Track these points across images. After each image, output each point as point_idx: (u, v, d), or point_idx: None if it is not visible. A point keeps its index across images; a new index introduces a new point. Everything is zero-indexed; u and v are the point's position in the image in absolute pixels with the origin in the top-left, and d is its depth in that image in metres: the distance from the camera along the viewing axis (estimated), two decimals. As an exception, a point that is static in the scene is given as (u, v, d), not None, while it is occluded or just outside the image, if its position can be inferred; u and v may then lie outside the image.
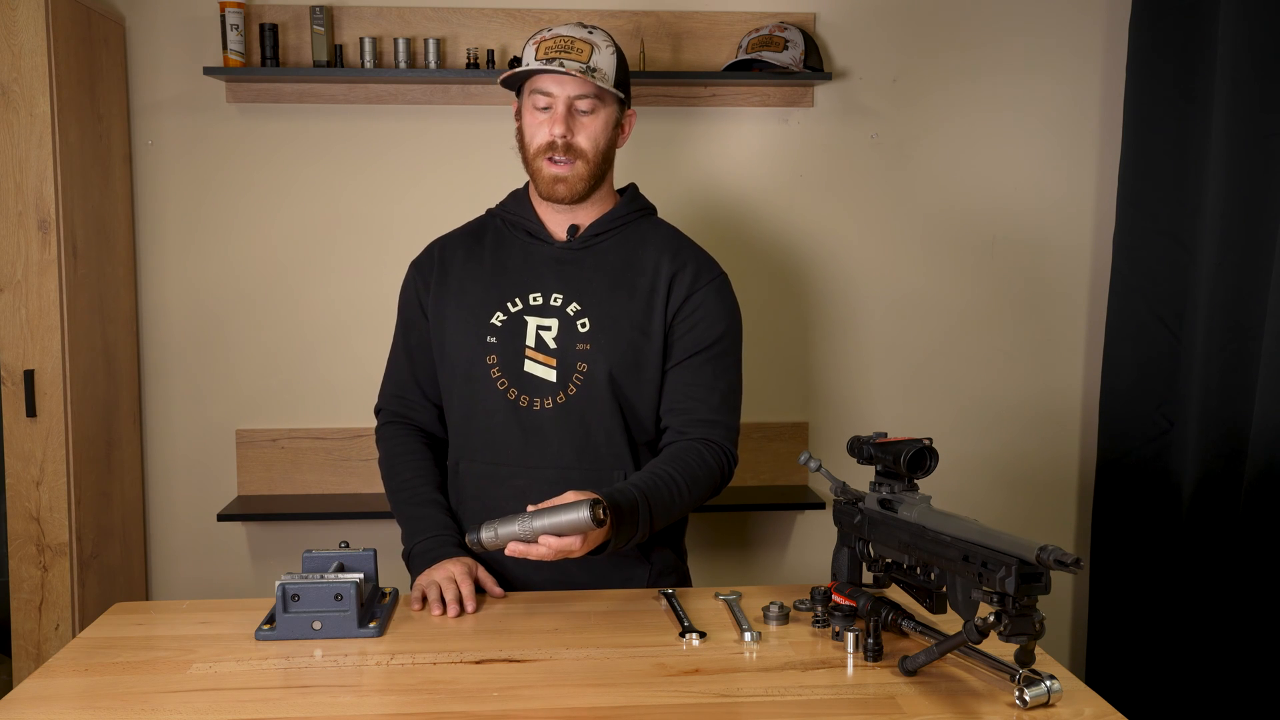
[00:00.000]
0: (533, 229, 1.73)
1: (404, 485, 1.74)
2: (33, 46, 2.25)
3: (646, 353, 1.67)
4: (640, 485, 1.56)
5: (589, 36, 1.66)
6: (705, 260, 1.74)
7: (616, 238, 1.73)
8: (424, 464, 1.76)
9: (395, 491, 1.75)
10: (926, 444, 1.32)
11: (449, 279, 1.74)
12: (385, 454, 1.79)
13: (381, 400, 1.84)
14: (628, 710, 1.21)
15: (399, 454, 1.78)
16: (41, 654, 2.36)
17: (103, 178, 2.53)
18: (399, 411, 1.81)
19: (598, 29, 1.69)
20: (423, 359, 1.78)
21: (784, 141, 2.79)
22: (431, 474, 1.76)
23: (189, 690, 1.26)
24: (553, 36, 1.65)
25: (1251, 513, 2.16)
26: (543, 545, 1.40)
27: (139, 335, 2.74)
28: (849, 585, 1.43)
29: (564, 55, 1.62)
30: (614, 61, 1.67)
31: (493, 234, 1.77)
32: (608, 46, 1.67)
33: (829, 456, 2.72)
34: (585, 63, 1.63)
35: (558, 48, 1.63)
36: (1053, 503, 2.95)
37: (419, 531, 1.68)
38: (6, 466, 2.35)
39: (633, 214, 1.75)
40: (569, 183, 1.66)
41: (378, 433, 1.83)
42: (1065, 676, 1.27)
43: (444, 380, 1.75)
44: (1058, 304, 2.88)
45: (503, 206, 1.80)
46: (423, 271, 1.78)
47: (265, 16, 2.62)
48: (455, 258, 1.76)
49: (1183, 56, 2.51)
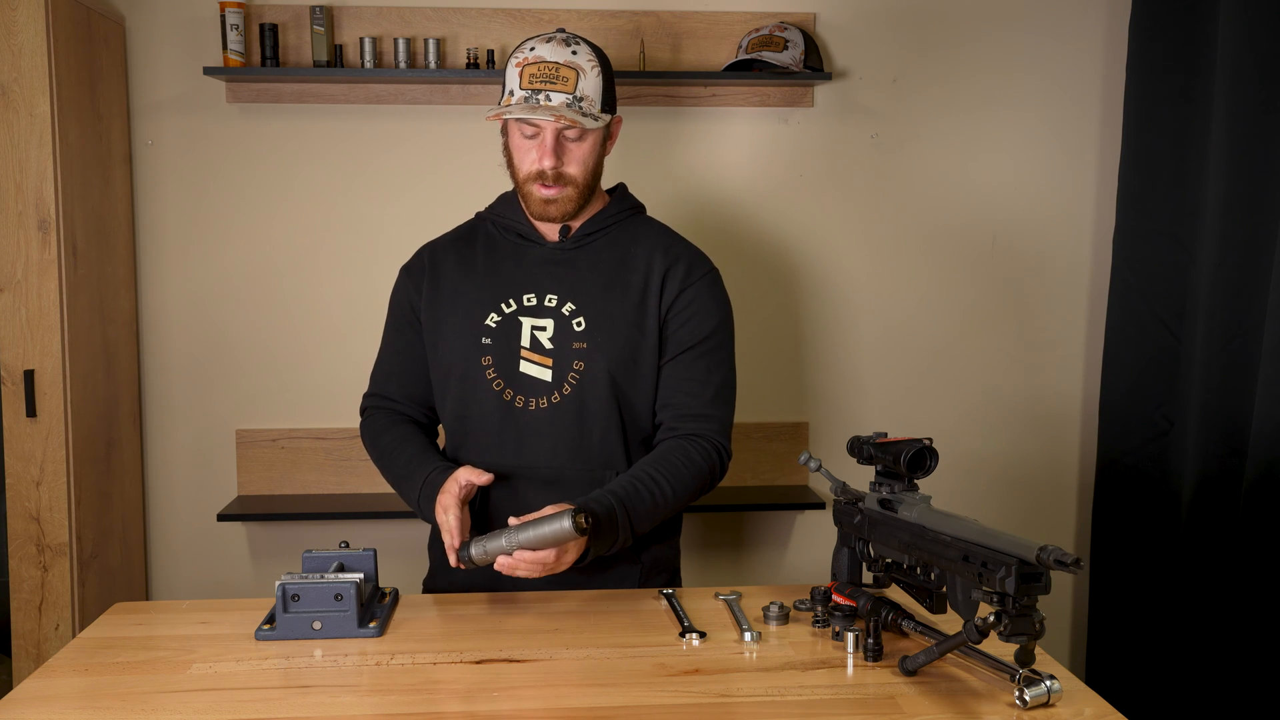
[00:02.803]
0: (524, 231, 1.73)
1: (390, 454, 1.71)
2: (33, 46, 2.25)
3: (642, 349, 1.68)
4: (618, 491, 1.57)
5: (573, 59, 1.62)
6: (697, 256, 1.75)
7: (608, 237, 1.73)
8: (405, 430, 1.74)
9: (386, 464, 1.72)
10: (926, 444, 1.32)
11: (441, 283, 1.74)
12: (369, 435, 1.77)
13: (364, 400, 1.83)
14: (627, 710, 1.21)
15: (381, 429, 1.75)
16: (41, 654, 2.36)
17: (103, 178, 2.53)
18: (378, 406, 1.80)
19: (581, 43, 1.65)
20: (410, 363, 1.77)
21: (784, 141, 2.79)
22: (415, 436, 1.73)
23: (189, 690, 1.26)
24: (536, 62, 1.61)
25: (1251, 513, 2.16)
26: (518, 560, 1.43)
27: (139, 335, 2.74)
28: (849, 585, 1.44)
29: (549, 86, 1.60)
30: (600, 83, 1.64)
31: (484, 237, 1.77)
32: (593, 67, 1.64)
33: (829, 456, 2.72)
34: (571, 93, 1.60)
35: (542, 76, 1.60)
36: (1053, 503, 2.94)
37: (413, 487, 1.65)
38: (6, 466, 2.35)
39: (623, 213, 1.76)
40: (560, 204, 1.66)
41: (361, 427, 1.81)
42: (1065, 676, 1.27)
43: (438, 383, 1.74)
44: (1058, 304, 2.88)
45: (492, 210, 1.79)
46: (414, 276, 1.77)
47: (265, 16, 2.62)
48: (447, 261, 1.76)
49: (1183, 56, 2.51)
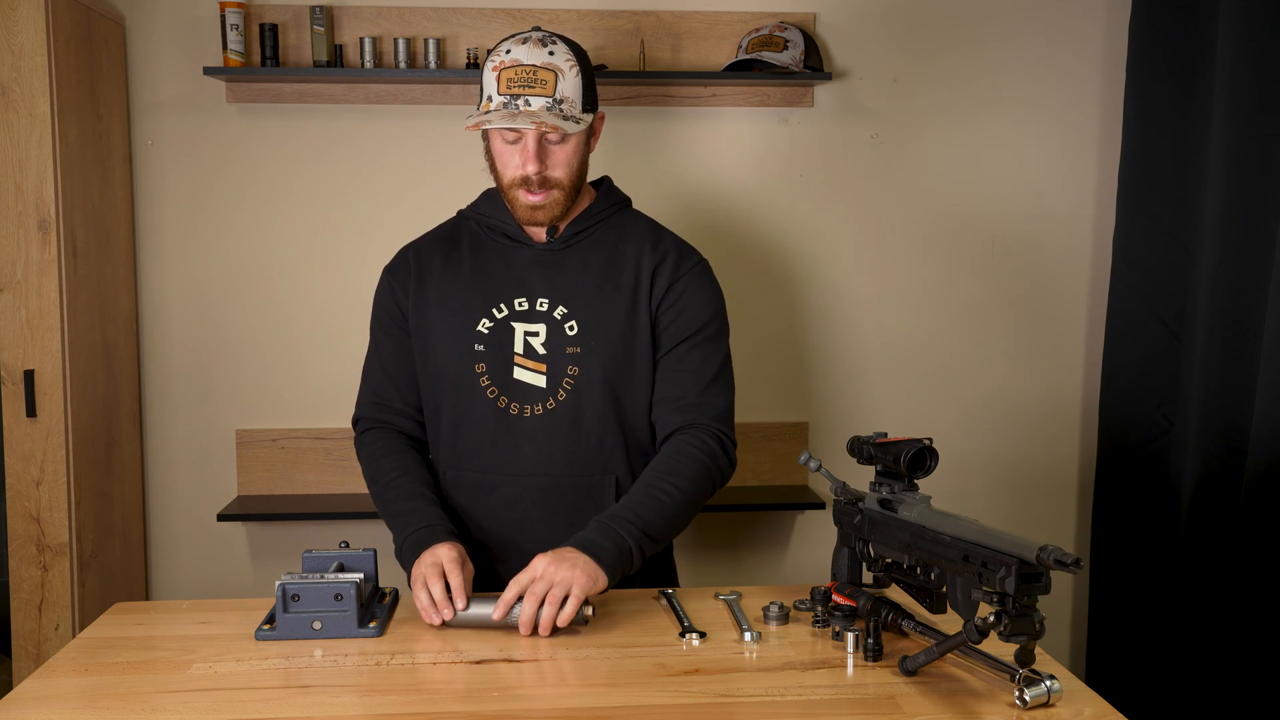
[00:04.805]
0: (511, 232, 1.69)
1: (389, 485, 1.67)
2: (33, 46, 2.25)
3: (636, 349, 1.66)
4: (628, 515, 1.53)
5: (550, 60, 1.58)
6: (684, 249, 1.73)
7: (596, 234, 1.70)
8: (408, 462, 1.70)
9: (381, 492, 1.68)
10: (926, 444, 1.32)
11: (428, 285, 1.70)
12: (367, 458, 1.73)
13: (359, 410, 1.77)
14: (628, 710, 1.21)
15: (381, 455, 1.71)
16: (41, 654, 2.36)
17: (103, 178, 2.53)
18: (378, 418, 1.75)
19: (558, 41, 1.61)
20: (400, 366, 1.73)
21: (784, 141, 2.79)
22: (418, 471, 1.69)
23: (189, 690, 1.26)
24: (513, 65, 1.57)
25: (1251, 513, 2.16)
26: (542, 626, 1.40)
27: (139, 335, 2.74)
28: (849, 585, 1.43)
29: (528, 91, 1.56)
30: (579, 83, 1.60)
31: (469, 237, 1.73)
32: (571, 66, 1.59)
33: (829, 456, 2.72)
34: (550, 96, 1.56)
35: (520, 80, 1.56)
36: (1053, 502, 2.95)
37: (407, 525, 1.60)
38: (6, 466, 2.35)
39: (610, 208, 1.72)
40: (548, 209, 1.63)
41: (357, 442, 1.77)
42: (1065, 676, 1.27)
43: (428, 389, 1.70)
44: (1058, 304, 2.88)
45: (476, 209, 1.74)
46: (398, 277, 1.73)
47: (265, 16, 2.62)
48: (433, 263, 1.71)
49: (1183, 56, 2.51)
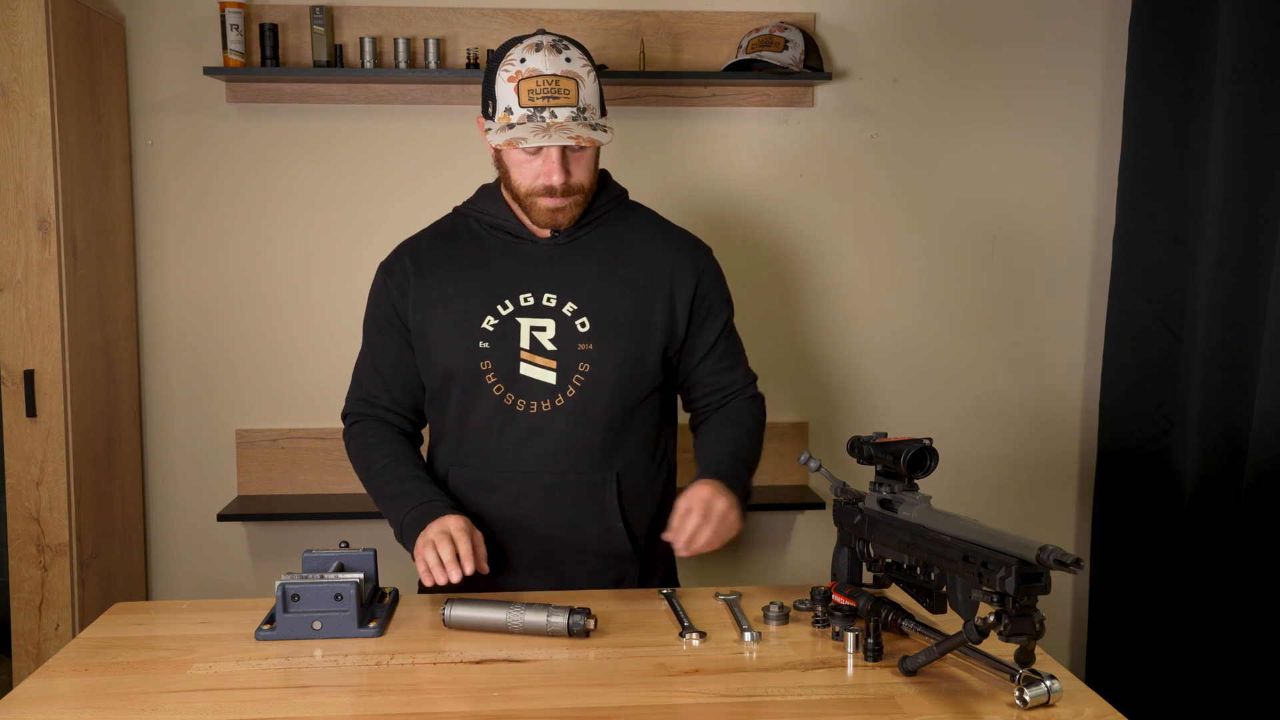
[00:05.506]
0: (513, 229, 1.67)
1: (382, 470, 1.65)
2: (33, 46, 2.25)
3: (647, 346, 1.66)
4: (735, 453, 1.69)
5: (569, 68, 1.54)
6: (694, 244, 1.75)
7: (600, 228, 1.69)
8: (400, 449, 1.68)
9: (374, 478, 1.66)
10: (926, 444, 1.32)
11: (428, 283, 1.66)
12: (358, 446, 1.70)
13: (347, 405, 1.76)
14: (628, 710, 1.21)
15: (372, 442, 1.69)
16: (41, 654, 2.36)
17: (103, 178, 2.53)
18: (366, 413, 1.73)
19: (570, 46, 1.57)
20: (394, 366, 1.70)
21: (784, 141, 2.79)
22: (410, 455, 1.68)
23: (189, 690, 1.26)
24: (532, 76, 1.52)
25: (1251, 513, 2.16)
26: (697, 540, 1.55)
27: (139, 335, 2.74)
28: (849, 585, 1.44)
29: (552, 102, 1.52)
30: (596, 88, 1.58)
31: (468, 234, 1.70)
32: (588, 72, 1.56)
33: (829, 456, 2.72)
34: (574, 105, 1.53)
35: (543, 91, 1.52)
36: (1053, 503, 2.94)
37: (406, 503, 1.59)
38: (6, 466, 2.35)
39: (612, 202, 1.72)
40: (568, 211, 1.62)
41: (346, 434, 1.74)
42: (1065, 676, 1.27)
43: (432, 388, 1.69)
44: (1058, 304, 2.88)
45: (473, 205, 1.72)
46: (395, 276, 1.69)
47: (265, 16, 2.62)
48: (431, 261, 1.68)
49: (1183, 56, 2.51)
